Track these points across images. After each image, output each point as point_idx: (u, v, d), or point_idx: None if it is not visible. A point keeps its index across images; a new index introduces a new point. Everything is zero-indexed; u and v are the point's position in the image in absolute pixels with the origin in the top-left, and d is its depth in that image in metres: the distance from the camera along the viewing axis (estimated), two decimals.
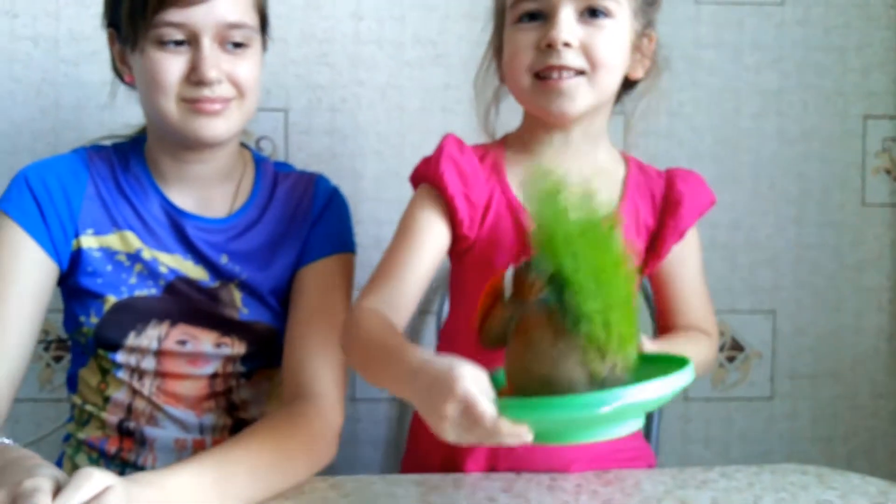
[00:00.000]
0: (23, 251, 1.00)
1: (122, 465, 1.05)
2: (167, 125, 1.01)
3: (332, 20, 1.45)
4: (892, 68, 1.53)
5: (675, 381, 0.72)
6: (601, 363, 0.72)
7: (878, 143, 1.54)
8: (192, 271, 1.06)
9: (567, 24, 0.93)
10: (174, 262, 1.05)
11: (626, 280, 0.73)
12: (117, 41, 1.04)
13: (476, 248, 1.01)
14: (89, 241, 1.04)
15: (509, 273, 0.78)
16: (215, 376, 1.06)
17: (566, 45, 0.93)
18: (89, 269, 1.03)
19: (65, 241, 1.03)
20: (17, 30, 1.41)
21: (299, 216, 1.10)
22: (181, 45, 0.98)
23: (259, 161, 1.14)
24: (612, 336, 0.71)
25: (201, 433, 1.06)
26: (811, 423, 1.57)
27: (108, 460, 1.06)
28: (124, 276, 1.04)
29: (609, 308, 0.71)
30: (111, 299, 1.03)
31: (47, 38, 1.41)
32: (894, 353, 1.57)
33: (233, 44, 1.00)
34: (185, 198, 1.08)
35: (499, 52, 1.03)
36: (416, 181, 1.04)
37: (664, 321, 1.09)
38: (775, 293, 1.54)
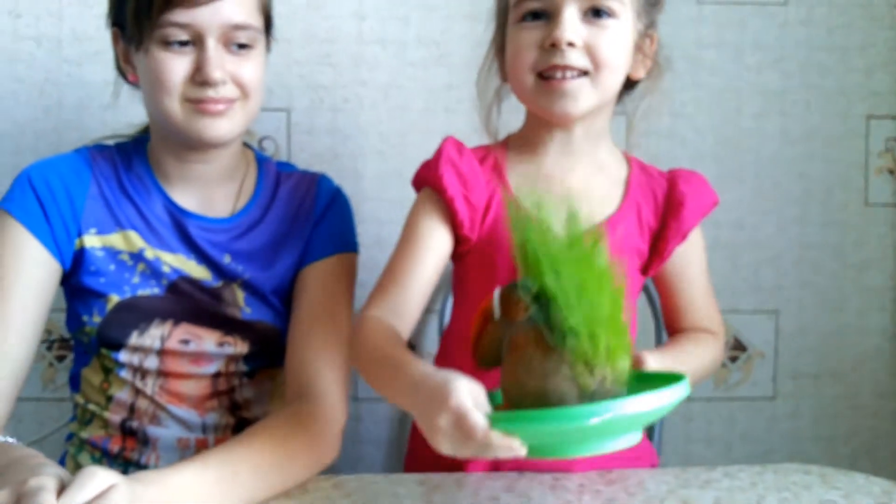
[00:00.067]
0: (26, 250, 1.00)
1: (125, 465, 1.05)
2: (171, 125, 1.01)
3: (335, 20, 1.45)
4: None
5: (667, 395, 0.72)
6: (590, 377, 0.72)
7: (881, 143, 1.54)
8: (195, 271, 1.06)
9: (571, 24, 0.93)
10: (177, 262, 1.06)
11: (612, 294, 0.73)
12: (121, 40, 1.04)
13: (477, 249, 1.01)
14: (92, 241, 1.04)
15: (497, 294, 0.79)
16: (218, 376, 1.06)
17: (570, 44, 0.93)
18: (92, 268, 1.03)
19: (68, 240, 1.03)
20: (21, 30, 1.41)
21: (302, 216, 1.10)
22: (186, 45, 0.98)
23: (262, 161, 1.14)
24: (598, 349, 0.72)
25: (204, 432, 1.06)
26: (813, 422, 1.57)
27: (111, 459, 1.06)
28: (127, 275, 1.04)
29: (594, 322, 0.72)
30: (114, 299, 1.04)
31: (50, 38, 1.42)
32: None
33: (237, 45, 1.00)
34: (188, 197, 1.08)
35: (501, 52, 1.03)
36: (417, 185, 1.04)
37: (670, 322, 1.09)
38: (778, 293, 1.54)
